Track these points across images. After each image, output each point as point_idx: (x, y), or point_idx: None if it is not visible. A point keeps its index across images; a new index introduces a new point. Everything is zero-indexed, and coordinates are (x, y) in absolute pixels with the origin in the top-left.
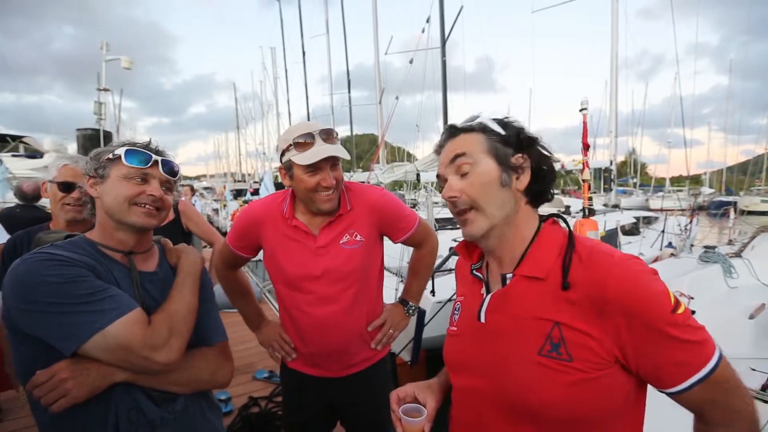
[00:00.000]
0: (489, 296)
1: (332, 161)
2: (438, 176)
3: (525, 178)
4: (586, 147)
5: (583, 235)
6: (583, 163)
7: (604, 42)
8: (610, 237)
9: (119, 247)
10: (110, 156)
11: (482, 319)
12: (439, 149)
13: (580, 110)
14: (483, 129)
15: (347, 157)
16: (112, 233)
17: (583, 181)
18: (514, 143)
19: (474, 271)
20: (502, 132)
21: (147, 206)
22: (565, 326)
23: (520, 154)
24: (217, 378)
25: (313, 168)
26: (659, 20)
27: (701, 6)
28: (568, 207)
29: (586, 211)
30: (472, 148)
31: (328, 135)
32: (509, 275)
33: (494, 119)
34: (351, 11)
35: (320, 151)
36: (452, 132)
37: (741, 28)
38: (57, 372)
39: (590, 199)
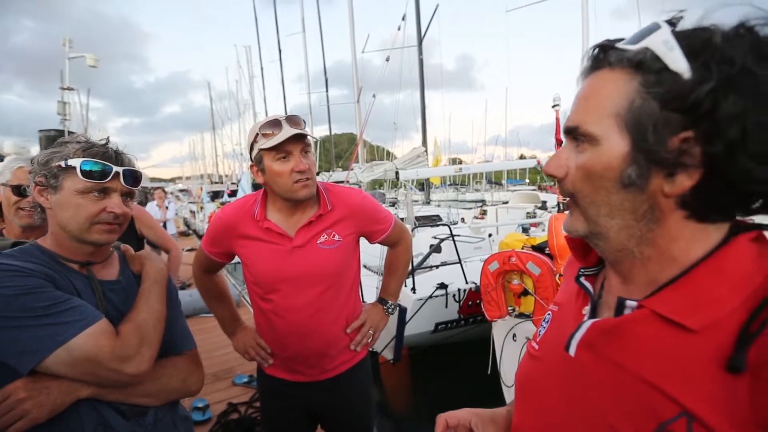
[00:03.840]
0: (589, 322)
1: (302, 147)
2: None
3: (684, 180)
4: (559, 143)
5: (558, 229)
6: None
7: (577, 41)
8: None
9: (76, 257)
10: (62, 164)
11: (571, 351)
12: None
13: (553, 107)
14: (644, 66)
15: (314, 137)
16: (66, 244)
17: None
18: (691, 103)
19: (581, 278)
20: (684, 72)
21: (108, 223)
22: (701, 424)
23: (689, 133)
24: (189, 386)
25: (284, 154)
26: (630, 20)
27: (666, 7)
28: (544, 203)
29: (561, 206)
30: (602, 109)
31: (294, 121)
32: (631, 302)
33: (688, 35)
34: (327, 9)
35: (287, 132)
36: (596, 62)
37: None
38: (12, 392)
39: None
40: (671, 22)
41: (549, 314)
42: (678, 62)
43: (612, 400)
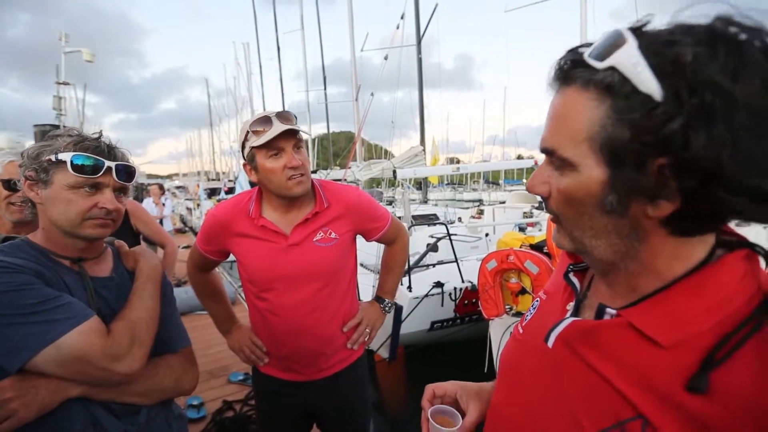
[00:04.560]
0: (570, 320)
1: (294, 143)
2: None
3: (666, 206)
4: None
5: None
6: None
7: (576, 42)
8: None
9: (67, 253)
10: (53, 158)
11: (549, 343)
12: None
13: None
14: (612, 89)
15: (306, 132)
16: (58, 239)
17: None
18: (665, 138)
19: (569, 274)
20: (654, 95)
21: (100, 219)
22: (654, 430)
23: (663, 159)
24: (182, 385)
25: (276, 150)
26: (629, 21)
27: (663, 8)
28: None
29: None
30: (576, 134)
31: (285, 116)
32: (611, 310)
33: (657, 52)
34: (326, 7)
35: (278, 128)
36: (564, 77)
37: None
38: None
39: None
40: (638, 30)
41: (537, 301)
42: (647, 84)
43: (578, 393)
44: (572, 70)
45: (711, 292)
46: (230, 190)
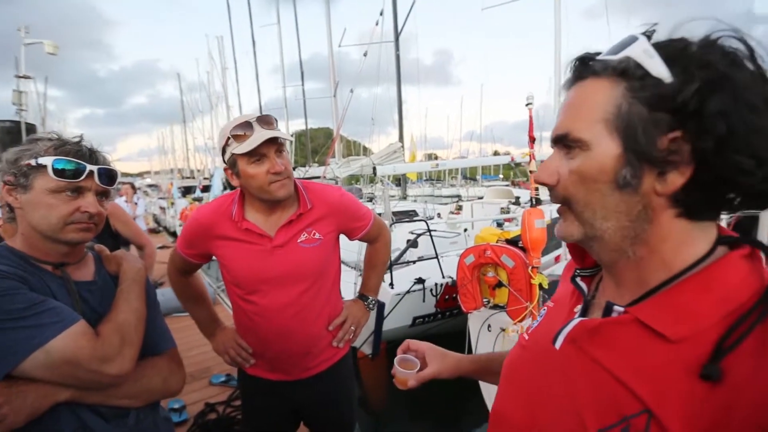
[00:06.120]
0: (577, 320)
1: (277, 147)
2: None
3: (676, 178)
4: (532, 140)
5: (531, 223)
6: (530, 155)
7: (550, 40)
8: (556, 224)
9: (49, 258)
10: (33, 163)
11: (557, 345)
12: (566, 87)
13: (526, 105)
14: (627, 73)
15: (289, 138)
16: (39, 244)
17: (530, 172)
18: (678, 104)
19: (576, 278)
20: (665, 77)
21: (83, 223)
22: (658, 424)
23: (678, 133)
24: (170, 386)
25: (258, 156)
26: (600, 19)
27: (634, 7)
28: (518, 198)
29: (533, 201)
30: (591, 116)
31: (266, 121)
32: (618, 308)
33: (666, 45)
34: (303, 1)
35: (260, 136)
36: (580, 72)
37: (670, 26)
38: None
39: (537, 189)
40: (646, 35)
41: (545, 309)
42: (659, 68)
43: (584, 391)
44: (587, 65)
45: (717, 287)
46: (206, 188)
